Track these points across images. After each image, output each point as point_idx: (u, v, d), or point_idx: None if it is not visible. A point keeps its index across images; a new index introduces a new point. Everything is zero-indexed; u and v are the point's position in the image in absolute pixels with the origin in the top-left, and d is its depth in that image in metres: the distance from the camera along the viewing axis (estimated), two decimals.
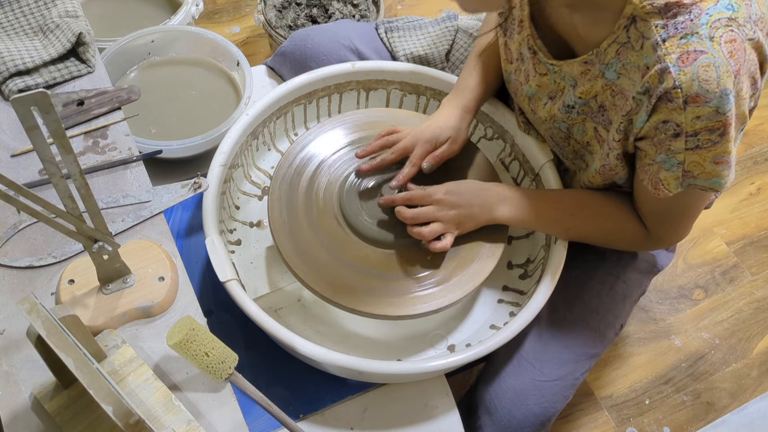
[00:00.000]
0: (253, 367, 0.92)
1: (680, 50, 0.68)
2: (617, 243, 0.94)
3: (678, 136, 0.72)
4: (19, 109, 0.54)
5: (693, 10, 0.68)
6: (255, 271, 0.98)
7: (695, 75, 0.68)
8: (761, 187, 1.72)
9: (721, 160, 0.74)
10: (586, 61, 0.80)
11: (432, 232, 0.88)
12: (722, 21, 0.67)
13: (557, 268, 0.90)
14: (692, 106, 0.69)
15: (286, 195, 0.94)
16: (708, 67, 0.67)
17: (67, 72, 0.97)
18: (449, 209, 0.88)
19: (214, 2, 1.92)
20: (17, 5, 1.02)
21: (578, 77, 0.82)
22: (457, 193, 0.89)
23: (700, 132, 0.71)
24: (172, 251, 0.84)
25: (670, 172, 0.77)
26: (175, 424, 0.69)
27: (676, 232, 0.88)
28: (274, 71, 1.26)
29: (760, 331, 1.50)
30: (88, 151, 0.91)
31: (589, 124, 0.86)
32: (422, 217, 0.88)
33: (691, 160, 0.74)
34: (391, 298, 0.87)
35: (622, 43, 0.75)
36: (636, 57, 0.73)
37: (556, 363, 0.95)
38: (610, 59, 0.77)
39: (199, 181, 0.87)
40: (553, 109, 0.89)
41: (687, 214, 0.86)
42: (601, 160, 0.85)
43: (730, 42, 0.67)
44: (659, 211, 0.85)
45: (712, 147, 0.72)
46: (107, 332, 0.75)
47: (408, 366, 0.84)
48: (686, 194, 0.80)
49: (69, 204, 0.65)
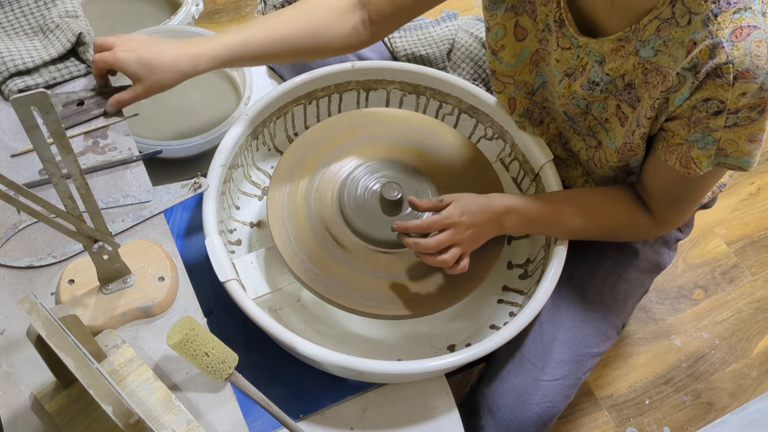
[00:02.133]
0: (253, 367, 0.92)
1: (733, 25, 0.68)
2: (624, 236, 0.94)
3: (719, 114, 0.73)
4: (19, 109, 0.54)
5: None
6: (255, 271, 0.98)
7: (748, 50, 0.68)
8: (761, 187, 1.72)
9: (756, 138, 0.74)
10: (620, 38, 0.79)
11: (453, 257, 0.85)
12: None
13: (557, 268, 0.90)
14: (741, 82, 0.69)
15: (286, 195, 0.94)
16: (760, 43, 0.68)
17: (67, 72, 0.97)
18: (465, 230, 0.86)
19: (214, 2, 1.92)
20: (17, 5, 1.02)
21: (607, 54, 0.81)
22: (471, 212, 0.87)
23: (741, 109, 0.71)
24: (172, 251, 0.84)
25: (704, 150, 0.77)
26: (175, 424, 0.69)
27: (684, 213, 0.89)
28: (274, 71, 1.25)
29: (760, 331, 1.50)
30: (88, 151, 0.91)
31: (612, 101, 0.85)
32: (444, 244, 0.85)
33: (726, 137, 0.74)
34: (391, 297, 0.87)
35: (664, 19, 0.74)
36: (681, 33, 0.73)
37: (559, 362, 0.95)
38: (649, 35, 0.76)
39: (199, 181, 0.87)
40: (573, 85, 0.87)
41: (698, 195, 0.86)
42: (625, 137, 0.84)
43: None
44: (673, 193, 0.85)
45: (750, 125, 0.73)
46: (107, 332, 0.75)
47: (408, 366, 0.84)
48: (709, 173, 0.80)
49: (69, 204, 0.65)
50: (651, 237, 1.00)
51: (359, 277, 0.88)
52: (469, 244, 0.87)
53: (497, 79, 0.98)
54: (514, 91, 0.98)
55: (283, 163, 0.97)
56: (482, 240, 0.89)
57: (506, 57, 0.95)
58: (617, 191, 0.91)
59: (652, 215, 0.89)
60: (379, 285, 0.88)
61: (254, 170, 1.09)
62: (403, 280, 0.89)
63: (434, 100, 1.11)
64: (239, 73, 1.25)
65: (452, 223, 0.86)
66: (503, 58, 0.95)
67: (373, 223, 0.92)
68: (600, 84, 0.84)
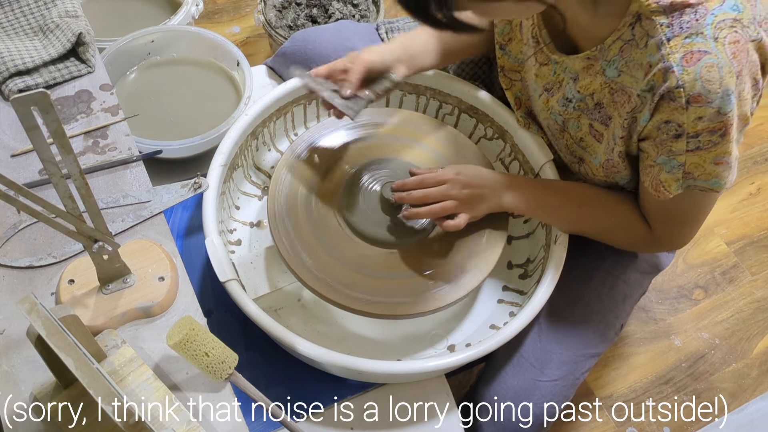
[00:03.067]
0: (253, 367, 0.92)
1: (684, 50, 0.68)
2: (620, 241, 0.93)
3: (679, 137, 0.72)
4: (19, 109, 0.54)
5: (699, 10, 0.68)
6: (255, 271, 0.98)
7: (698, 75, 0.68)
8: (761, 187, 1.72)
9: (722, 161, 0.74)
10: (588, 57, 0.80)
11: (444, 209, 0.86)
12: (727, 22, 0.67)
13: (557, 268, 0.90)
14: (695, 106, 0.69)
15: (286, 195, 0.94)
16: (711, 68, 0.67)
17: (67, 72, 0.97)
18: (461, 188, 0.88)
19: (214, 2, 1.92)
20: (17, 5, 1.02)
21: (580, 71, 0.82)
22: (467, 174, 0.89)
23: (701, 133, 0.71)
24: (172, 251, 0.84)
25: (671, 174, 0.77)
26: (175, 424, 0.69)
27: (680, 235, 0.88)
28: (274, 71, 1.25)
29: (760, 331, 1.50)
30: (88, 151, 0.91)
31: (584, 120, 0.86)
32: (433, 196, 0.87)
33: (691, 161, 0.74)
34: (392, 297, 0.87)
35: (626, 40, 0.75)
36: (640, 55, 0.73)
37: (557, 363, 0.95)
38: (613, 56, 0.77)
39: (199, 181, 0.87)
40: (551, 101, 0.88)
41: (691, 218, 0.85)
42: (606, 155, 0.85)
43: (733, 43, 0.67)
44: (662, 214, 0.85)
45: (713, 148, 0.72)
46: (107, 332, 0.75)
47: (408, 366, 0.84)
48: (687, 196, 0.80)
49: (69, 204, 0.65)
50: (648, 251, 0.99)
51: (359, 276, 0.88)
52: (465, 203, 0.88)
53: (505, 76, 0.99)
54: (520, 90, 0.98)
55: (283, 163, 0.97)
56: (481, 206, 0.89)
57: (514, 51, 0.96)
58: (619, 195, 0.90)
59: (651, 230, 0.89)
60: (380, 284, 0.88)
61: (254, 170, 1.09)
62: (403, 280, 0.89)
63: (434, 100, 1.11)
64: (239, 73, 1.25)
65: (446, 179, 0.88)
66: (511, 52, 0.96)
67: (373, 223, 0.92)
68: (573, 101, 0.85)
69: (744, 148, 1.78)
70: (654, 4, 0.70)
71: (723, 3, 0.68)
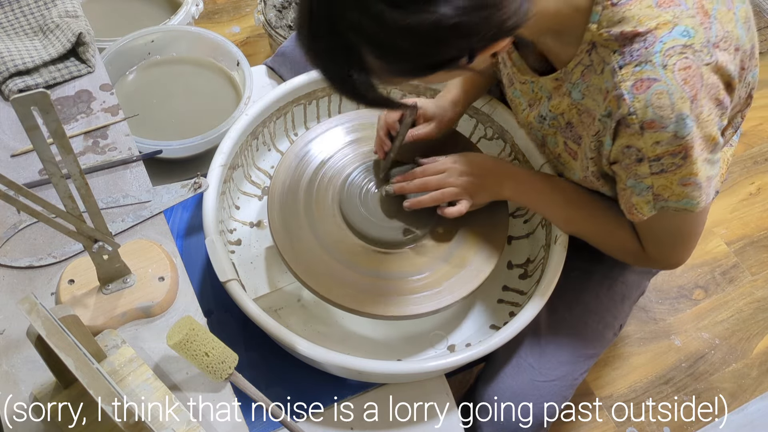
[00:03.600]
0: (253, 367, 0.92)
1: (634, 78, 0.68)
2: (613, 250, 0.92)
3: (641, 161, 0.73)
4: (19, 109, 0.54)
5: (648, 38, 0.68)
6: (255, 271, 0.98)
7: (649, 102, 0.68)
8: (761, 187, 1.72)
9: (689, 182, 0.73)
10: (557, 78, 0.81)
11: (444, 195, 0.88)
12: (676, 49, 0.67)
13: (557, 268, 0.90)
14: (649, 132, 0.69)
15: (286, 195, 0.94)
16: (661, 95, 0.67)
17: (67, 72, 0.97)
18: (458, 175, 0.88)
19: (214, 2, 1.92)
20: (17, 5, 1.02)
21: (552, 91, 0.83)
22: (468, 162, 0.90)
23: (662, 156, 0.71)
24: (172, 251, 0.84)
25: (641, 197, 0.77)
26: (175, 424, 0.69)
27: (670, 254, 0.87)
28: (274, 71, 1.25)
29: (760, 331, 1.50)
30: (88, 151, 0.91)
31: (559, 137, 0.86)
32: (432, 185, 0.88)
33: (659, 183, 0.74)
34: (392, 297, 0.87)
35: (586, 65, 0.75)
36: (598, 80, 0.74)
37: (555, 363, 0.95)
38: (576, 79, 0.77)
39: (199, 181, 0.87)
40: (530, 116, 0.89)
41: (676, 238, 0.84)
42: (582, 171, 0.86)
43: (684, 69, 0.67)
44: (648, 234, 0.85)
45: (677, 170, 0.72)
46: (107, 332, 0.75)
47: (408, 366, 0.84)
48: (665, 217, 0.79)
49: (69, 204, 0.65)
50: (638, 264, 0.96)
51: (359, 277, 0.88)
52: (465, 191, 0.88)
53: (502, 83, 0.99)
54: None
55: (283, 163, 0.97)
56: (482, 194, 0.90)
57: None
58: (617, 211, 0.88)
59: (643, 249, 0.88)
60: (380, 285, 0.88)
61: (254, 170, 1.09)
62: (404, 281, 0.89)
63: None
64: (239, 73, 1.25)
65: (445, 168, 0.89)
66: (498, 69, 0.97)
67: (373, 223, 0.92)
68: (547, 119, 0.86)
69: (744, 148, 1.78)
70: (606, 33, 0.70)
71: (672, 30, 0.67)
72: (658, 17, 0.67)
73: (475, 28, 0.60)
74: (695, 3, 0.68)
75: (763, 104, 1.86)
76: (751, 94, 0.86)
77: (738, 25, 0.72)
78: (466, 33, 0.60)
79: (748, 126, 1.81)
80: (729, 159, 1.00)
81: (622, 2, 0.69)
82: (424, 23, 0.58)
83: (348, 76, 0.65)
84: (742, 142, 1.79)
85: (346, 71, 0.65)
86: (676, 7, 0.68)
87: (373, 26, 0.59)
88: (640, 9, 0.68)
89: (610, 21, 0.69)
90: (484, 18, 0.60)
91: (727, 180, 1.70)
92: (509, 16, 0.62)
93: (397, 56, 0.62)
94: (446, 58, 0.64)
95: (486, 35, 0.62)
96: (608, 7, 0.69)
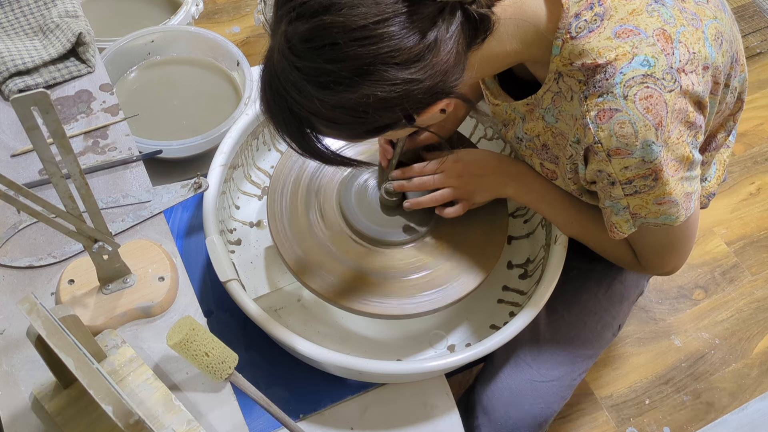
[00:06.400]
0: (253, 367, 0.92)
1: (597, 108, 0.69)
2: (610, 257, 0.92)
3: (614, 184, 0.73)
4: (19, 109, 0.54)
5: (608, 70, 0.68)
6: (255, 271, 0.98)
7: (612, 131, 0.68)
8: (761, 187, 1.72)
9: (663, 200, 0.73)
10: (528, 103, 0.81)
11: (443, 196, 0.88)
12: (636, 79, 0.67)
13: (557, 268, 0.90)
14: (617, 158, 0.70)
15: (286, 195, 0.94)
16: (624, 124, 0.67)
17: (67, 72, 0.97)
18: (457, 176, 0.88)
19: (214, 2, 1.92)
20: (17, 5, 1.02)
21: (526, 114, 0.83)
22: (470, 160, 0.89)
23: (633, 179, 0.71)
24: (172, 251, 0.84)
25: (620, 216, 0.77)
26: (175, 424, 0.69)
27: (664, 263, 0.87)
28: None
29: (760, 331, 1.50)
30: (88, 151, 0.91)
31: (536, 159, 0.86)
32: (431, 185, 0.88)
33: (635, 203, 0.75)
34: (392, 297, 0.87)
35: (555, 92, 0.76)
36: (569, 106, 0.74)
37: (553, 363, 0.95)
38: (547, 105, 0.78)
39: (199, 181, 0.87)
40: (508, 135, 0.89)
41: (667, 248, 0.84)
42: (566, 189, 0.86)
43: (645, 99, 0.67)
44: (637, 246, 0.86)
45: (650, 191, 0.72)
46: (107, 332, 0.75)
47: (408, 366, 0.84)
48: (648, 232, 0.80)
49: (69, 204, 0.65)
50: (635, 271, 0.97)
51: (359, 276, 0.88)
52: (463, 191, 0.88)
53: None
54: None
55: (283, 163, 0.97)
56: (482, 193, 0.90)
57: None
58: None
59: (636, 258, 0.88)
60: (379, 285, 0.88)
61: (254, 170, 1.09)
62: (403, 280, 0.89)
63: None
64: (239, 73, 1.25)
65: (444, 168, 0.89)
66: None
67: (373, 223, 0.92)
68: (523, 141, 0.86)
69: (744, 148, 1.78)
70: (569, 64, 0.71)
71: (632, 60, 0.67)
72: (617, 48, 0.68)
73: (398, 99, 0.63)
74: (656, 30, 0.68)
75: (763, 104, 1.86)
76: (741, 97, 0.86)
77: (707, 43, 0.71)
78: (393, 104, 0.63)
79: (748, 126, 1.81)
80: (726, 160, 1.00)
81: (582, 35, 0.69)
82: (349, 101, 0.62)
83: (307, 141, 0.69)
84: (742, 142, 1.79)
85: (305, 137, 0.69)
86: (635, 37, 0.68)
87: (310, 105, 0.64)
88: (599, 41, 0.68)
89: (571, 53, 0.70)
90: (409, 91, 0.62)
91: (727, 180, 1.70)
92: (437, 82, 0.63)
93: (341, 125, 0.66)
94: (384, 124, 0.66)
95: (416, 102, 0.64)
96: (568, 40, 0.70)
